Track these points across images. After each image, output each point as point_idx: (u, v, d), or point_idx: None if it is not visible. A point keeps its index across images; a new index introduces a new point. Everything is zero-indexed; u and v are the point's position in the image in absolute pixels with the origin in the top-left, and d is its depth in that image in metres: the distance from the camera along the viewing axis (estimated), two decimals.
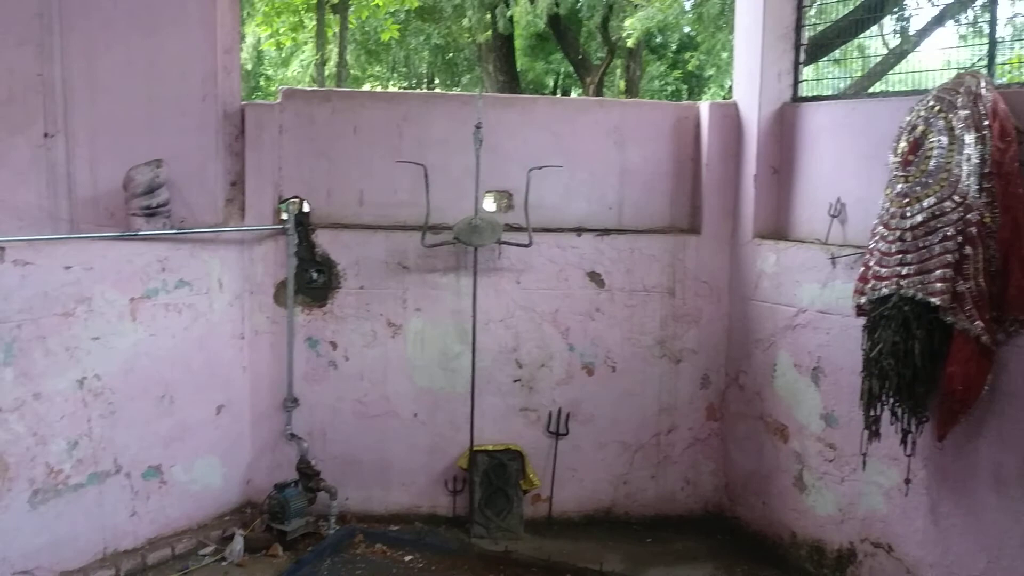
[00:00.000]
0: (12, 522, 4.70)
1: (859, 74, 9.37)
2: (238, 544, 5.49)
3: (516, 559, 5.58)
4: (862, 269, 4.57)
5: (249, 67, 18.40)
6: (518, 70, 17.05)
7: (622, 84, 17.09)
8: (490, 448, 6.03)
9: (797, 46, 5.81)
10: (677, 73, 20.44)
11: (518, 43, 17.43)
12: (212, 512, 5.79)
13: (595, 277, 6.07)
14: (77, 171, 5.59)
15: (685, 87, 20.61)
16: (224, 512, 5.86)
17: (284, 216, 5.91)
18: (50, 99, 5.52)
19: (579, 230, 6.07)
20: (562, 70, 20.01)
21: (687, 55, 18.92)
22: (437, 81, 20.84)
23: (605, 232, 6.08)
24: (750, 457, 5.94)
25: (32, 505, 4.81)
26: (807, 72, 6.01)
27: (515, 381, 6.10)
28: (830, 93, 5.95)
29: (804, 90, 5.86)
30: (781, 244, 5.66)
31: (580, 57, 16.16)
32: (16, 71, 5.43)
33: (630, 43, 14.36)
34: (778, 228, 5.85)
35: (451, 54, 19.32)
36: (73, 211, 5.61)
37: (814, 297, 5.31)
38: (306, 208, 5.98)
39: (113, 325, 5.17)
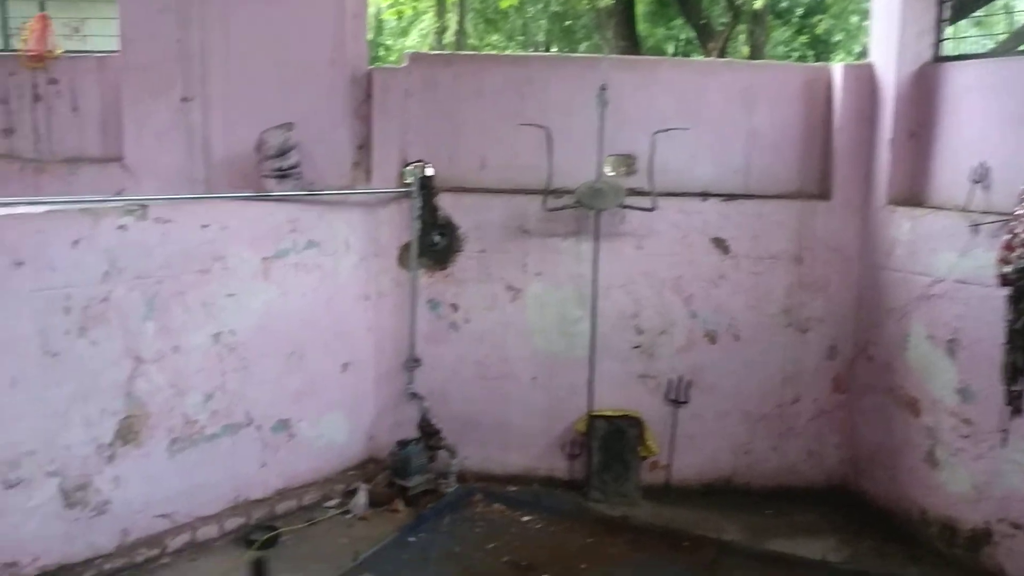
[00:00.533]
0: (153, 468, 4.96)
1: (1003, 35, 8.86)
2: (362, 498, 5.65)
3: (634, 524, 5.58)
4: (1007, 236, 4.34)
5: (370, 36, 18.62)
6: (638, 36, 16.73)
7: (746, 50, 16.56)
8: (608, 414, 6.01)
9: (940, 2, 5.52)
10: (804, 38, 19.68)
11: (638, 8, 17.10)
12: (336, 466, 5.97)
13: (720, 243, 5.95)
14: (212, 134, 5.81)
15: (811, 53, 19.84)
16: (348, 467, 6.02)
17: (408, 180, 5.98)
18: (188, 64, 5.75)
19: (704, 195, 5.96)
20: (683, 36, 19.54)
21: (815, 19, 18.20)
22: (554, 49, 20.67)
23: (731, 197, 5.95)
24: (878, 431, 5.75)
25: (171, 453, 5.05)
26: (946, 34, 5.71)
27: (635, 347, 6.05)
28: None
29: (946, 50, 5.57)
30: (917, 211, 5.42)
31: (702, 22, 15.76)
32: (157, 37, 5.68)
33: (756, 6, 13.93)
34: (914, 194, 5.60)
35: (569, 21, 19.12)
36: (208, 173, 5.84)
37: (952, 266, 5.08)
38: (429, 172, 6.03)
39: (246, 283, 5.35)
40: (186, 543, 5.10)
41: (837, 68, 5.96)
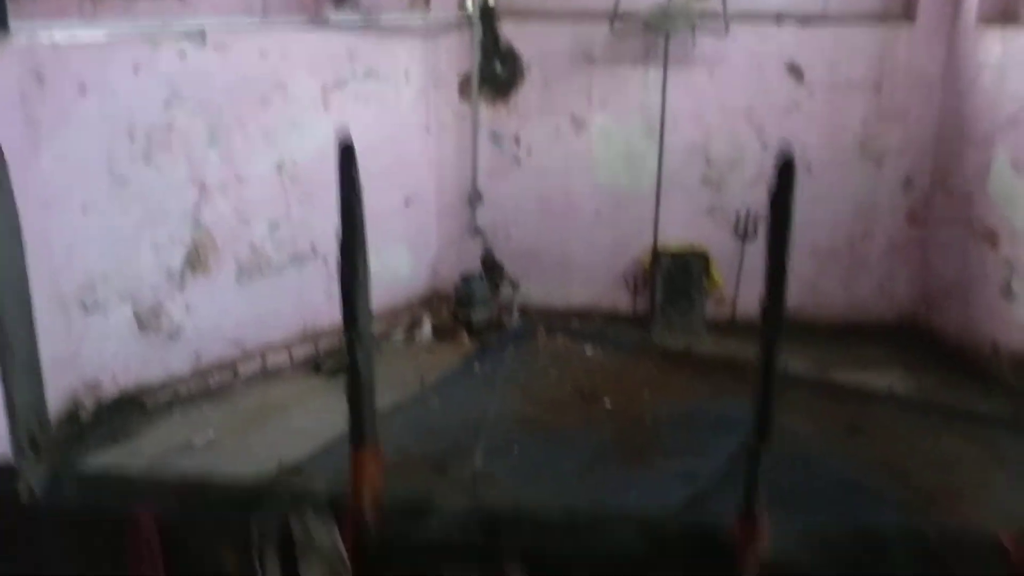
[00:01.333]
0: (222, 296, 5.05)
1: None
2: (427, 329, 5.73)
3: (697, 356, 5.57)
4: None
5: None
6: None
7: None
8: (674, 249, 5.92)
9: None
10: None
11: None
12: (401, 299, 6.01)
13: (794, 70, 5.68)
14: None
15: None
16: (412, 300, 6.07)
17: (468, 5, 5.76)
18: None
19: (779, 17, 5.64)
20: None
21: None
22: None
23: (808, 20, 5.63)
24: (953, 265, 5.59)
25: (239, 282, 5.12)
26: None
27: (703, 181, 5.90)
28: None
29: None
30: (1010, 30, 5.08)
31: None
32: None
33: None
34: (1008, 10, 5.23)
35: None
36: (265, 0, 5.66)
37: None
38: None
39: (307, 113, 5.27)
40: (257, 369, 5.24)
41: None
